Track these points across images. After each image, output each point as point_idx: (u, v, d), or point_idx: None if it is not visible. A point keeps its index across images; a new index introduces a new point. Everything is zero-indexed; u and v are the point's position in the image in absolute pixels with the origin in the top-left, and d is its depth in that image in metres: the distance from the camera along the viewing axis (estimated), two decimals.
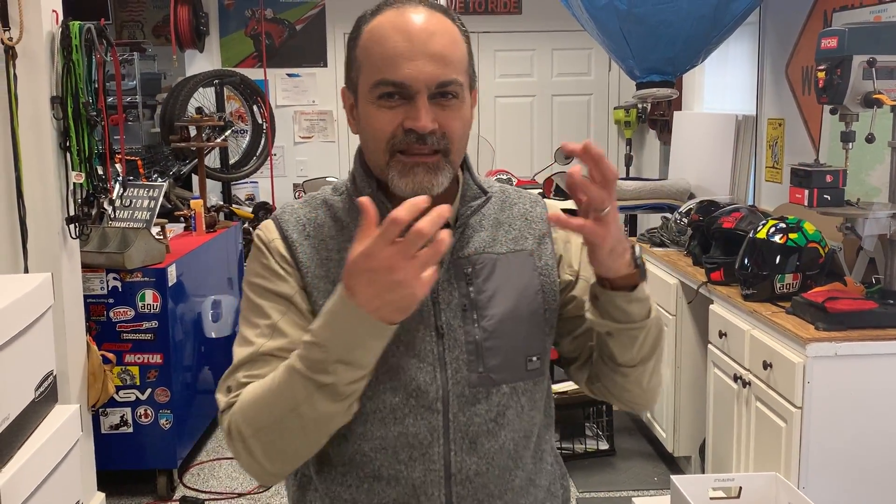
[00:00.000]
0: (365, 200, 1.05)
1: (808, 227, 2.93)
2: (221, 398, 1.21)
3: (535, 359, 1.27)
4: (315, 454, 1.22)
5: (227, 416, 1.18)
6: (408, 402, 1.20)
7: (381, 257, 1.02)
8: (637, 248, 1.19)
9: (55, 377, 2.25)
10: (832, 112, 2.66)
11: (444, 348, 1.22)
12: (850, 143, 2.60)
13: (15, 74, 2.89)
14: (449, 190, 1.25)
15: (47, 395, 2.17)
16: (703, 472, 3.46)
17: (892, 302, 2.64)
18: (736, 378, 2.96)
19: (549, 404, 1.36)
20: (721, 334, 3.10)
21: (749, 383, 2.88)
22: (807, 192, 2.72)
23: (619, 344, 1.22)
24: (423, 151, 1.18)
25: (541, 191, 4.77)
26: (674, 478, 2.64)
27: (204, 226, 4.43)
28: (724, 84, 4.83)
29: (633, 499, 3.05)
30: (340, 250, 1.23)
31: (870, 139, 2.50)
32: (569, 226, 1.10)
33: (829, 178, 2.70)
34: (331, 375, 1.08)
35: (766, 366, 2.72)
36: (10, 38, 2.86)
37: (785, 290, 2.88)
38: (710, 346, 3.23)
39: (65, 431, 2.18)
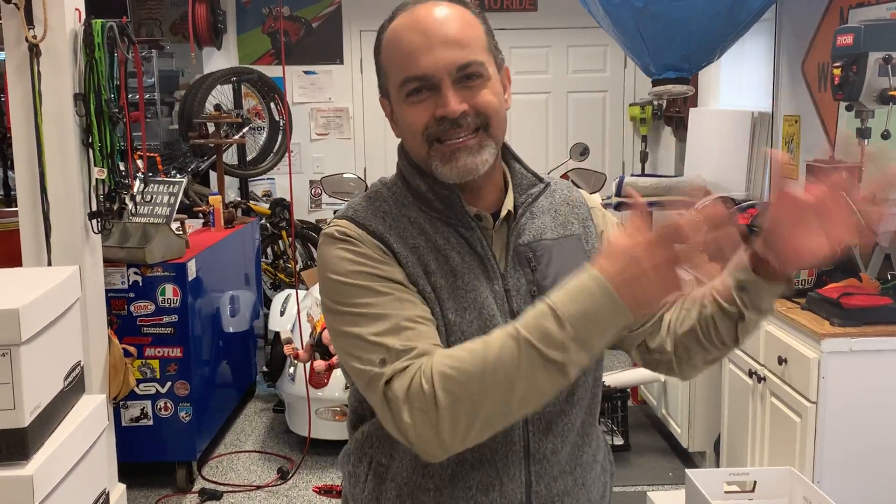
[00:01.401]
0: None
1: None
2: (377, 370, 1.12)
3: None
4: (399, 444, 1.19)
5: (403, 380, 1.09)
6: None
7: (649, 247, 1.03)
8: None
9: (82, 368, 2.29)
10: (848, 109, 2.67)
11: None
12: (866, 140, 2.61)
13: (39, 72, 2.93)
14: (495, 182, 1.30)
15: (75, 385, 2.22)
16: (717, 466, 3.48)
17: None
18: (751, 373, 2.98)
19: (602, 381, 1.40)
20: None
21: (764, 378, 2.89)
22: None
23: (745, 330, 1.24)
24: (459, 136, 1.20)
25: None
26: (688, 471, 2.66)
27: (222, 221, 4.48)
28: (740, 81, 4.83)
29: (648, 493, 3.08)
30: (419, 237, 1.24)
31: (885, 136, 2.52)
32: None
33: (845, 175, 2.71)
34: (564, 353, 1.04)
35: (781, 361, 2.74)
36: (35, 36, 2.90)
37: (800, 286, 2.89)
38: None
39: (92, 421, 2.22)
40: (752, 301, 1.21)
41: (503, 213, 1.29)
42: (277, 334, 4.25)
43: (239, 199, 5.57)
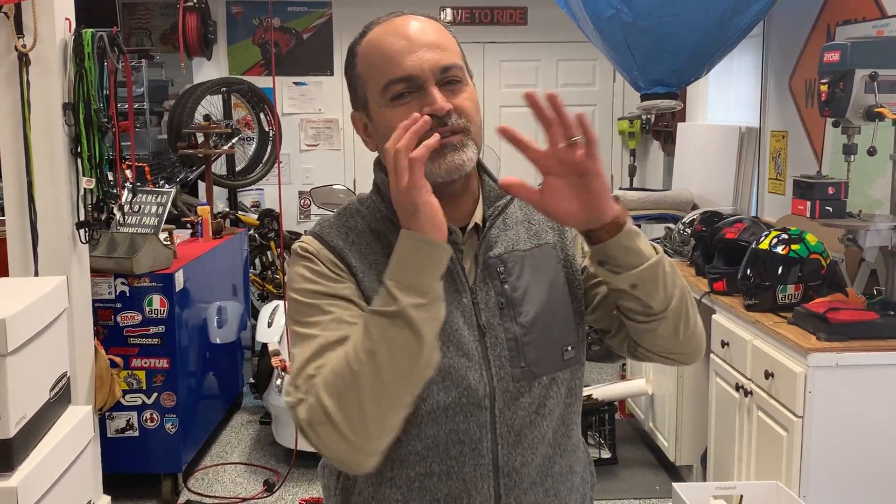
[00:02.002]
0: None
1: (811, 238, 2.96)
2: (290, 399, 1.17)
3: (570, 348, 1.32)
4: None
5: (303, 406, 1.13)
6: (459, 401, 1.24)
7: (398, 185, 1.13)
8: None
9: (69, 378, 2.28)
10: (834, 125, 2.69)
11: (486, 346, 1.27)
12: (852, 156, 2.63)
13: (28, 81, 2.92)
14: (471, 192, 1.31)
15: (61, 396, 2.21)
16: (704, 480, 3.48)
17: (893, 313, 2.66)
18: (738, 387, 2.99)
19: (581, 392, 1.40)
20: (723, 344, 3.12)
21: (751, 392, 2.90)
22: (809, 203, 2.75)
23: (646, 290, 1.23)
24: (445, 133, 1.21)
25: None
26: (675, 485, 2.66)
27: (210, 232, 4.47)
28: (728, 96, 4.86)
29: None
30: (385, 254, 1.25)
31: (871, 152, 2.54)
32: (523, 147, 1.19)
33: (831, 190, 2.73)
34: (396, 302, 1.11)
35: (767, 375, 2.75)
36: (24, 45, 2.90)
37: (787, 301, 2.91)
38: (712, 355, 3.26)
39: (78, 432, 2.21)
40: (615, 264, 1.22)
41: (471, 225, 1.31)
42: (265, 346, 4.24)
43: (227, 209, 5.55)
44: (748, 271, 3.00)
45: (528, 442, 1.28)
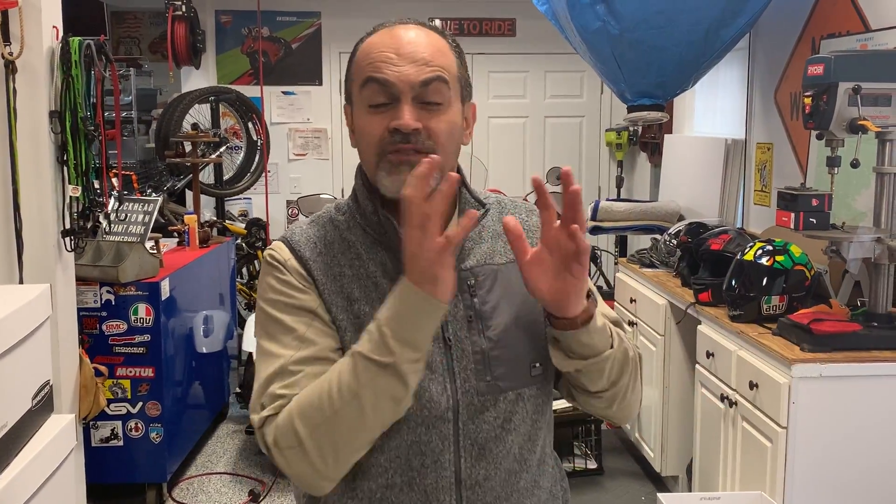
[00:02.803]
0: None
1: (795, 249, 2.98)
2: (256, 416, 1.21)
3: (537, 365, 1.30)
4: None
5: (270, 427, 1.18)
6: (421, 413, 1.23)
7: (412, 238, 1.10)
8: (589, 282, 1.20)
9: (51, 387, 2.26)
10: (819, 137, 2.71)
11: (452, 359, 1.26)
12: (836, 168, 2.65)
13: (14, 88, 2.91)
14: (449, 206, 1.28)
15: (43, 405, 2.19)
16: (690, 491, 3.49)
17: (876, 324, 2.68)
18: (723, 398, 3.00)
19: (550, 408, 1.39)
20: (708, 354, 3.13)
21: (735, 403, 2.91)
22: (793, 215, 2.77)
23: (589, 377, 1.25)
24: (407, 151, 1.21)
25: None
26: (660, 496, 2.66)
27: (197, 241, 4.46)
28: (714, 108, 4.89)
29: None
30: (351, 266, 1.28)
31: (855, 164, 2.56)
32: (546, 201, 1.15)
33: (815, 202, 2.75)
34: (391, 355, 1.12)
35: (752, 386, 2.76)
36: (11, 53, 2.89)
37: (771, 312, 2.92)
38: (697, 366, 3.27)
39: (60, 441, 2.19)
40: (567, 350, 1.22)
41: None
42: (251, 355, 4.22)
43: (215, 218, 5.54)
44: (733, 282, 3.01)
45: (492, 456, 1.27)
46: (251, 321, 4.84)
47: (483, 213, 1.33)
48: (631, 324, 4.04)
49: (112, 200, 3.75)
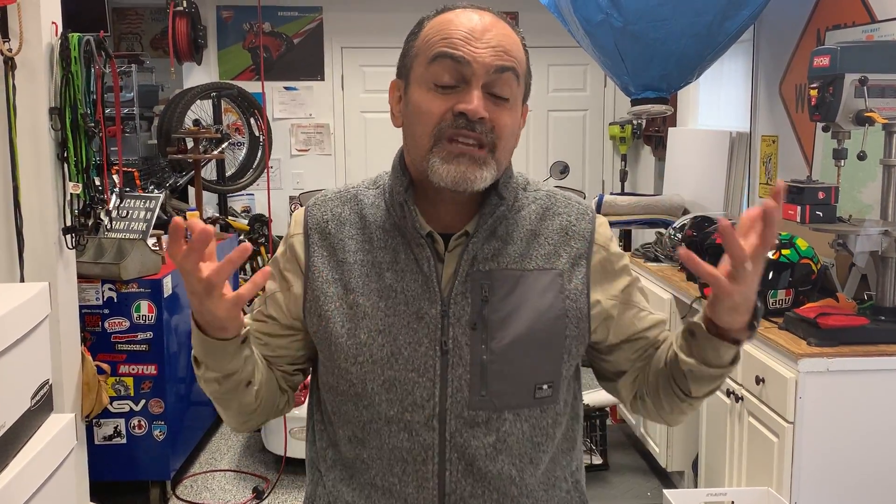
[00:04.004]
0: (178, 221, 1.04)
1: (801, 243, 2.95)
2: None
3: (545, 387, 1.22)
4: (327, 453, 1.27)
5: None
6: (402, 417, 1.19)
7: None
8: (759, 310, 1.14)
9: (51, 386, 2.25)
10: (825, 130, 2.68)
11: (447, 366, 1.18)
12: (843, 161, 2.62)
13: (14, 85, 2.90)
14: (475, 201, 1.23)
15: (43, 404, 2.18)
16: (696, 486, 3.47)
17: (883, 318, 2.66)
18: (729, 393, 2.98)
19: (572, 428, 1.30)
20: None
21: (742, 398, 2.89)
22: (799, 208, 2.75)
23: (698, 382, 1.20)
24: (469, 141, 1.14)
25: None
26: (666, 492, 2.65)
27: None
28: (719, 101, 4.86)
29: None
30: (356, 252, 1.23)
31: (861, 157, 2.53)
32: (699, 270, 1.07)
33: (821, 195, 2.72)
34: (198, 367, 1.19)
35: (758, 381, 2.74)
36: (10, 50, 2.87)
37: (777, 306, 2.90)
38: None
39: (60, 440, 2.18)
40: (696, 349, 1.18)
41: (460, 232, 1.22)
42: None
43: (217, 214, 5.53)
44: None
45: (481, 474, 1.19)
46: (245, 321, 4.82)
47: (502, 214, 1.23)
48: None
49: (113, 197, 3.73)
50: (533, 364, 1.21)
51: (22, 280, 2.93)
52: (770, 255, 2.93)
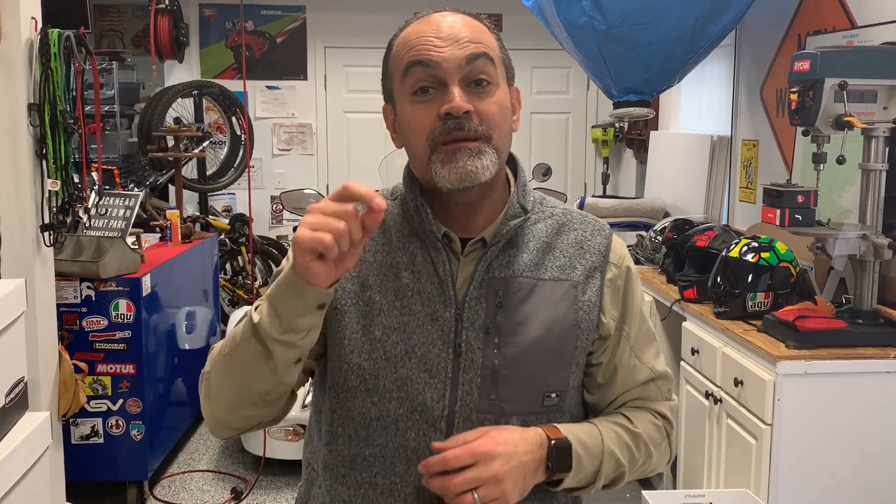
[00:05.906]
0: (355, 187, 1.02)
1: (780, 246, 2.97)
2: None
3: (553, 395, 1.23)
4: (322, 452, 1.25)
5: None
6: (411, 416, 1.19)
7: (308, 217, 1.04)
8: (556, 458, 1.18)
9: (26, 384, 2.22)
10: (804, 134, 2.70)
11: (459, 368, 1.19)
12: (822, 165, 2.64)
13: None
14: (493, 204, 1.24)
15: (17, 402, 2.15)
16: (674, 488, 3.48)
17: (861, 321, 2.68)
18: (707, 395, 2.99)
19: None
20: (693, 351, 3.12)
21: (720, 400, 2.90)
22: (779, 211, 2.76)
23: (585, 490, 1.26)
24: (460, 137, 1.16)
25: None
26: (645, 493, 2.65)
27: (180, 236, 4.41)
28: (700, 105, 4.89)
29: None
30: (375, 252, 1.24)
31: (840, 161, 2.55)
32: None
33: (800, 199, 2.74)
34: (258, 314, 1.11)
35: (737, 383, 2.75)
36: None
37: (756, 309, 2.91)
38: (682, 362, 3.26)
39: (34, 439, 2.16)
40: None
41: (477, 237, 1.23)
42: None
43: (198, 213, 5.50)
44: (718, 279, 3.00)
45: None
46: (234, 317, 4.80)
47: (521, 220, 1.24)
48: None
49: (92, 195, 3.70)
50: (543, 372, 1.22)
51: None
52: (750, 258, 2.94)
